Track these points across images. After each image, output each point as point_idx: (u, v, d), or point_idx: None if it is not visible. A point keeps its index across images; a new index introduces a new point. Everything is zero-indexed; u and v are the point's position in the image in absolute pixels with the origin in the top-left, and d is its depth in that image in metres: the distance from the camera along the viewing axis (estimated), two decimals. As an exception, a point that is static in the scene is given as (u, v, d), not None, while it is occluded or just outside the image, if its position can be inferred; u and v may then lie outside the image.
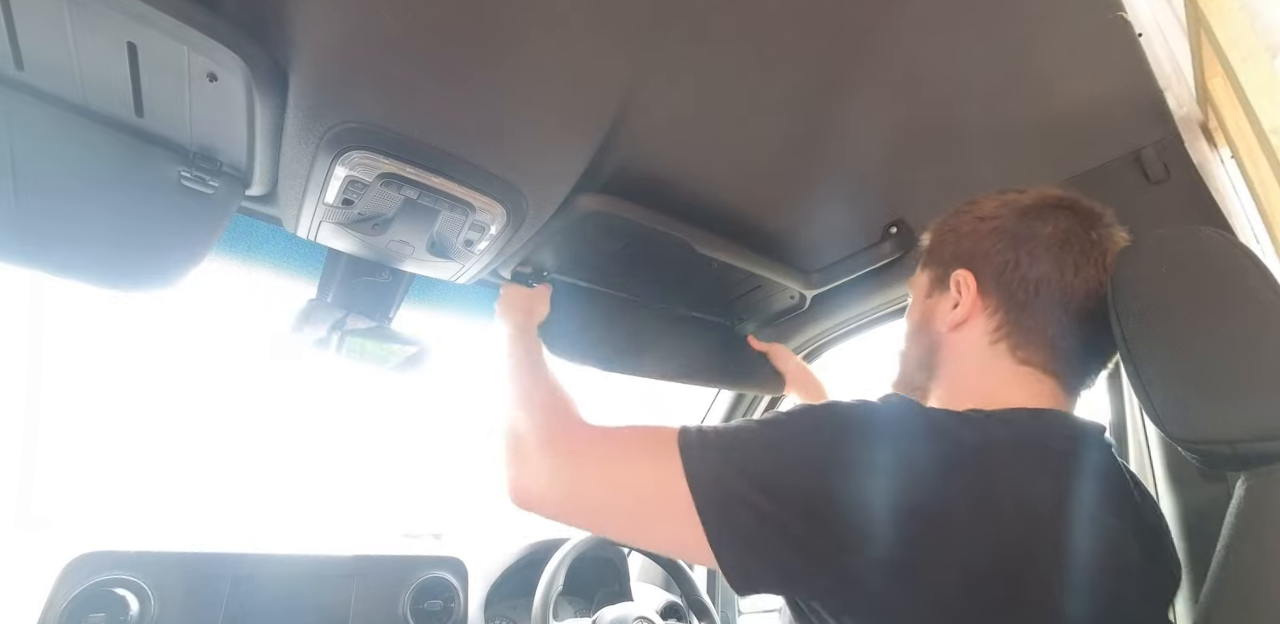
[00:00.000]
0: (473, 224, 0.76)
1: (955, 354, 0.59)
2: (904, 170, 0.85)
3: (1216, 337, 0.56)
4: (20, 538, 0.94)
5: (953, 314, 0.58)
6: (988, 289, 0.57)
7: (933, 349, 0.61)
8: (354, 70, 0.57)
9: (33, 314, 1.21)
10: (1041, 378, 0.55)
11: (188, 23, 0.52)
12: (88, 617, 0.87)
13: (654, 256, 0.96)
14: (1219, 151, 0.75)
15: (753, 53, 0.65)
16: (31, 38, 0.55)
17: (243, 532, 1.08)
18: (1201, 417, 0.56)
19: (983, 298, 0.57)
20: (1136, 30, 0.63)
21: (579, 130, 0.69)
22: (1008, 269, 0.56)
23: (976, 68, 0.67)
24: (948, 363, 0.59)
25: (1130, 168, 0.75)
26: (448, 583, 1.16)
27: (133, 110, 0.64)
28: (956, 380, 0.58)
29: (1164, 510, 0.72)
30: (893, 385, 0.67)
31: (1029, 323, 0.55)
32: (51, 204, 0.65)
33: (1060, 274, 0.55)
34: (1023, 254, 0.56)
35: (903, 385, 0.65)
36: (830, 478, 0.43)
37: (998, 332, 0.56)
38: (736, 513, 0.43)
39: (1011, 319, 0.56)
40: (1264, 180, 0.63)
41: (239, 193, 0.76)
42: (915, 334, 0.64)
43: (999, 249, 0.57)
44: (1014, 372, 0.55)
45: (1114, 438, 0.84)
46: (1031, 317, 0.55)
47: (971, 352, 0.57)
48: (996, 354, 0.56)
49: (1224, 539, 0.51)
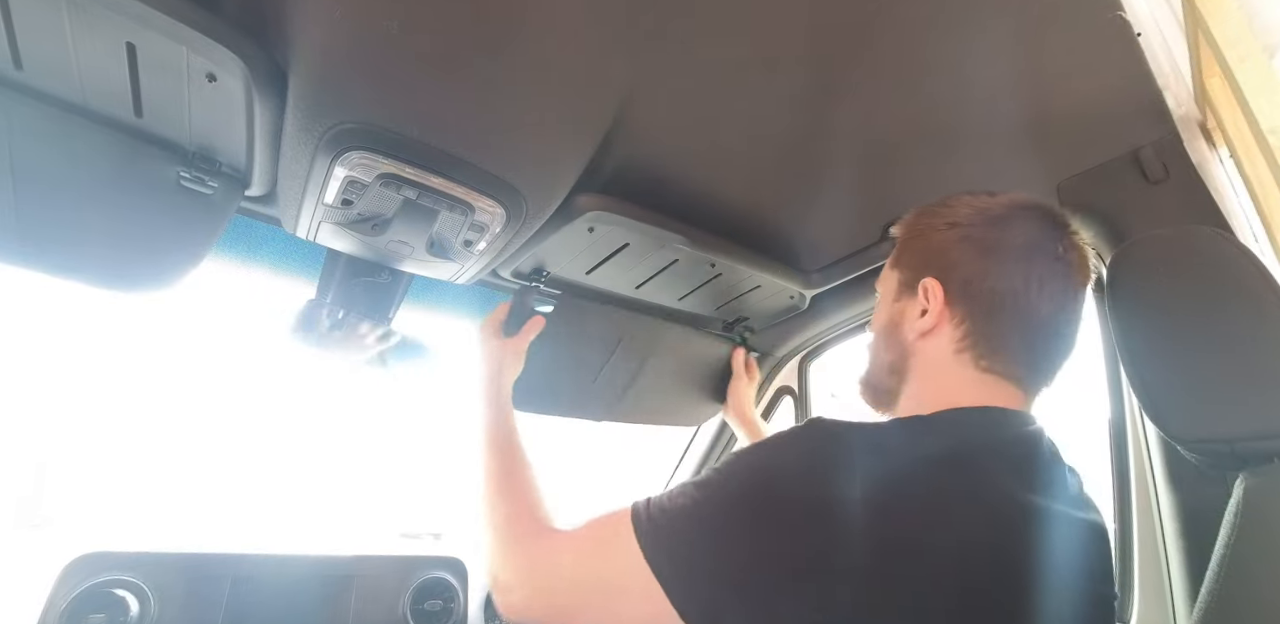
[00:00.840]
0: (472, 224, 0.76)
1: (923, 361, 0.60)
2: (902, 170, 0.85)
3: (1215, 336, 0.56)
4: (20, 538, 0.94)
5: (920, 322, 0.59)
6: (955, 299, 0.58)
7: (904, 355, 0.61)
8: (353, 70, 0.57)
9: (34, 315, 1.21)
10: (1003, 383, 0.56)
11: (186, 23, 0.52)
12: (87, 617, 0.87)
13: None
14: (1217, 151, 0.75)
15: (753, 53, 0.65)
16: (30, 38, 0.55)
17: (243, 532, 1.08)
18: (1200, 415, 0.56)
19: (949, 307, 0.58)
20: (1135, 30, 0.63)
21: (578, 130, 0.69)
22: (975, 280, 0.57)
23: (975, 67, 0.67)
24: (916, 369, 0.60)
25: (1129, 167, 0.75)
26: (448, 583, 1.16)
27: (132, 111, 0.64)
28: (924, 386, 0.59)
29: (1164, 510, 0.72)
30: (861, 383, 0.67)
31: (993, 333, 0.56)
32: (50, 205, 0.65)
33: (1026, 287, 0.56)
34: (991, 264, 0.57)
35: (871, 386, 0.65)
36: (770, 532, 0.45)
37: (963, 341, 0.57)
38: (699, 587, 0.45)
39: (977, 329, 0.57)
40: (1262, 180, 0.63)
41: (238, 193, 0.76)
42: (885, 338, 0.64)
43: (967, 259, 0.58)
44: (978, 379, 0.57)
45: (1114, 438, 0.84)
46: (996, 327, 0.56)
47: (938, 359, 0.58)
48: (961, 363, 0.57)
49: (1223, 538, 0.52)
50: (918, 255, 0.62)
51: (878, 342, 0.65)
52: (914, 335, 0.59)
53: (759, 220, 0.96)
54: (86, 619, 0.87)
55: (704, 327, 1.24)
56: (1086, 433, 0.87)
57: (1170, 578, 0.70)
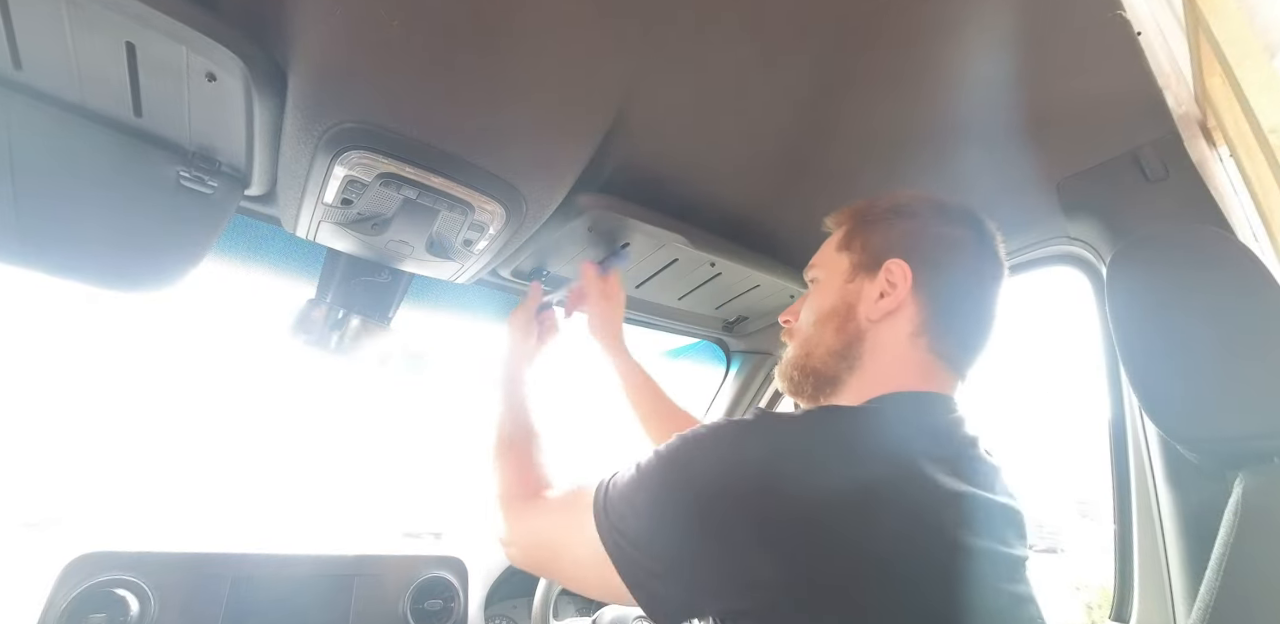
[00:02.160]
0: (472, 224, 0.76)
1: (877, 345, 0.59)
2: (902, 169, 0.85)
3: (1214, 335, 0.56)
4: (21, 538, 0.94)
5: (880, 304, 0.58)
6: (922, 281, 0.58)
7: (857, 339, 0.59)
8: (353, 70, 0.57)
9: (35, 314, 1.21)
10: (944, 367, 0.58)
11: (186, 23, 0.52)
12: (88, 617, 0.87)
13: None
14: (1218, 150, 0.75)
15: (752, 52, 0.65)
16: (30, 38, 0.55)
17: (243, 532, 1.08)
18: (1200, 415, 0.56)
19: (914, 290, 0.58)
20: (1135, 29, 0.63)
21: (578, 130, 0.69)
22: (943, 266, 0.59)
23: (975, 67, 0.67)
24: (868, 354, 0.59)
25: (1129, 166, 0.75)
26: (448, 583, 1.16)
27: (131, 110, 0.64)
28: (874, 371, 0.58)
29: (1164, 510, 0.72)
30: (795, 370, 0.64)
31: (951, 320, 0.58)
32: (50, 204, 0.65)
33: (979, 279, 0.60)
34: (956, 254, 0.59)
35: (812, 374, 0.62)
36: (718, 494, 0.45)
37: (922, 325, 0.58)
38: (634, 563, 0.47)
39: (937, 315, 0.58)
40: (1262, 179, 0.63)
41: (238, 193, 0.76)
42: (832, 321, 0.61)
43: (930, 246, 0.60)
44: (925, 362, 0.57)
45: (1114, 437, 0.84)
46: (953, 314, 0.58)
47: (893, 343, 0.58)
48: (915, 347, 0.58)
49: (1223, 536, 0.52)
50: (879, 238, 0.62)
51: (822, 327, 0.62)
52: (874, 317, 0.59)
53: (758, 220, 0.96)
54: (87, 619, 0.87)
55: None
56: (1086, 432, 0.87)
57: (1170, 577, 0.70)
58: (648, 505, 0.48)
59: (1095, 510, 20.00)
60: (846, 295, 0.62)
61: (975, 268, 0.60)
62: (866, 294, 0.60)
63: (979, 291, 0.60)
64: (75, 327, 1.34)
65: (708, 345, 1.42)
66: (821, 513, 0.43)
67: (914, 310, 0.58)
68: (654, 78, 0.66)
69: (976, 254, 0.60)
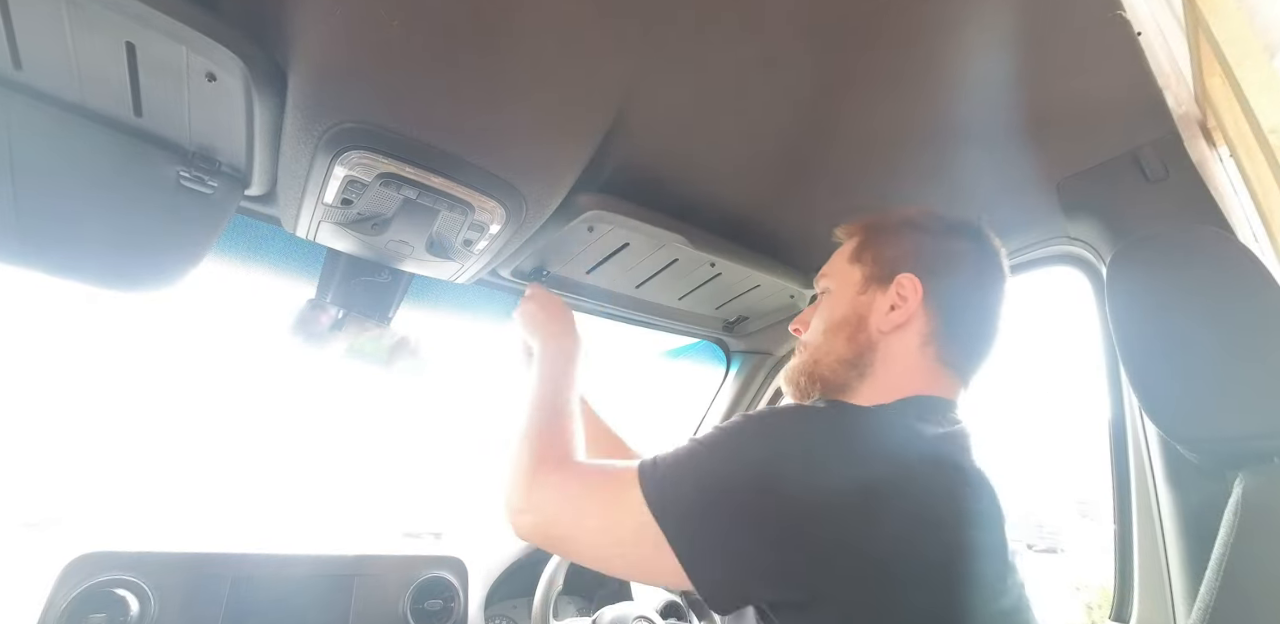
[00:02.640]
0: (472, 224, 0.76)
1: (889, 355, 0.61)
2: (902, 169, 0.85)
3: (1214, 335, 0.56)
4: (21, 538, 0.94)
5: (891, 316, 0.61)
6: (931, 295, 0.61)
7: (868, 349, 0.62)
8: (353, 70, 0.56)
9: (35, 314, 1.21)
10: (950, 375, 0.61)
11: (186, 23, 0.52)
12: (88, 617, 0.87)
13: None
14: (1218, 150, 0.75)
15: (752, 52, 0.65)
16: (30, 37, 0.55)
17: (243, 532, 1.08)
18: (1199, 415, 0.56)
19: (925, 303, 0.61)
20: (1135, 29, 0.63)
21: (578, 130, 0.69)
22: (951, 279, 0.62)
23: (975, 67, 0.67)
24: (880, 363, 0.61)
25: (1129, 166, 0.75)
26: (448, 583, 1.16)
27: (131, 110, 0.64)
28: (885, 379, 0.61)
29: (1164, 509, 0.72)
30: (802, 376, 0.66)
31: (958, 331, 0.61)
32: (50, 204, 0.65)
33: (984, 291, 0.63)
34: (963, 267, 0.62)
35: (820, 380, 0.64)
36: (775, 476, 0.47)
37: (930, 335, 0.61)
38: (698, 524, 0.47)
39: (945, 326, 0.61)
40: (1262, 179, 0.63)
41: (238, 193, 0.76)
42: (844, 331, 0.64)
43: (939, 260, 0.62)
44: (933, 370, 0.61)
45: (1113, 437, 0.84)
46: (960, 325, 0.61)
47: (904, 353, 0.61)
48: (925, 356, 0.60)
49: (1223, 536, 0.52)
50: (890, 251, 0.65)
51: (833, 336, 0.65)
52: (885, 328, 0.61)
53: (758, 220, 0.96)
54: (87, 619, 0.87)
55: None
56: (1085, 432, 0.87)
57: (1170, 577, 0.70)
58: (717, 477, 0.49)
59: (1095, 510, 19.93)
60: (858, 307, 0.64)
61: (981, 280, 0.63)
62: (878, 306, 0.63)
63: (984, 303, 0.63)
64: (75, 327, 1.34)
65: (708, 345, 1.42)
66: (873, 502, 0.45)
67: (923, 322, 0.61)
68: (654, 78, 0.66)
69: (982, 267, 0.63)
